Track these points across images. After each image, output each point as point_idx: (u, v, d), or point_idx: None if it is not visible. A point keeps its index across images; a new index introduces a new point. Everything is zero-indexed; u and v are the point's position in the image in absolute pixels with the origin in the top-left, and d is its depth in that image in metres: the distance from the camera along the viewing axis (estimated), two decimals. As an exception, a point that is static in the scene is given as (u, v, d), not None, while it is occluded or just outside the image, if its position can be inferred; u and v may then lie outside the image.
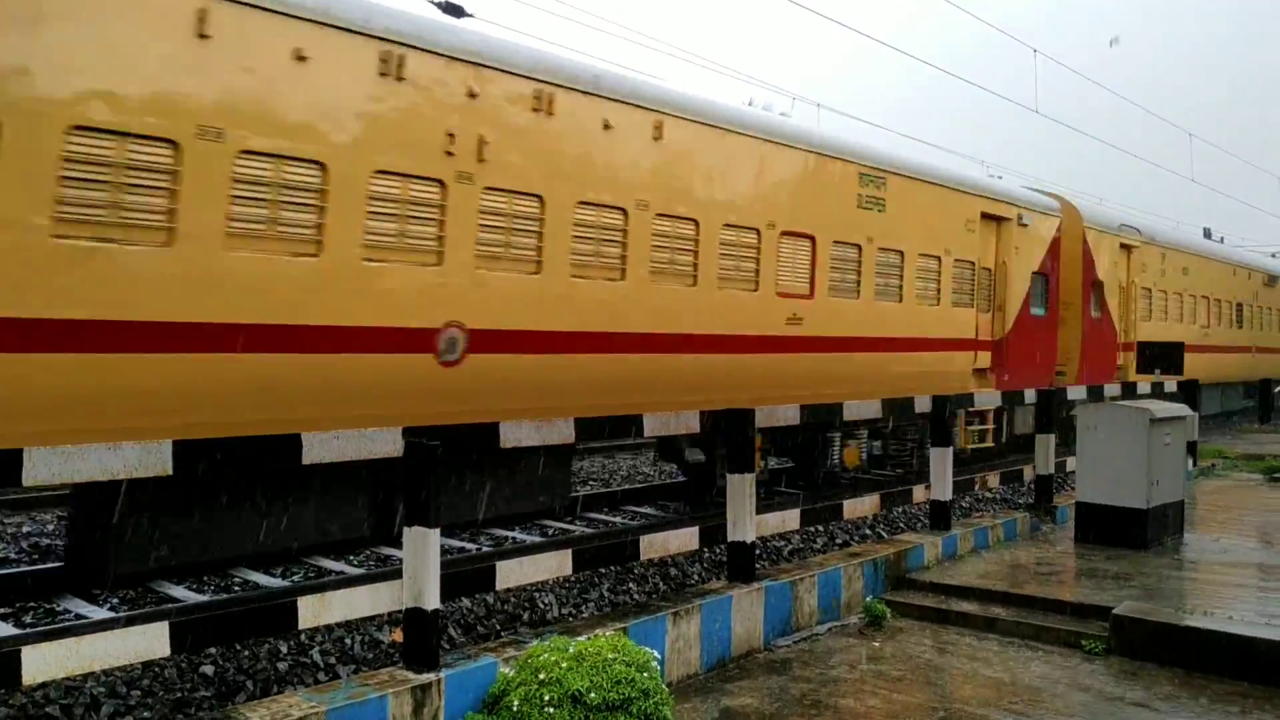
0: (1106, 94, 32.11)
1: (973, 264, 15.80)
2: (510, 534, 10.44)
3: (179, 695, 6.21)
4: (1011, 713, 6.09)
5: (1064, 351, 18.57)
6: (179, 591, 8.09)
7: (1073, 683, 6.66)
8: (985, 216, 16.16)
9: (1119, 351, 20.41)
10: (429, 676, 5.33)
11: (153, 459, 4.81)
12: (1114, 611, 7.45)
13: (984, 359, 16.16)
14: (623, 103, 10.19)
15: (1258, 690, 6.49)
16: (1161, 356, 19.06)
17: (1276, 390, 28.63)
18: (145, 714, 5.97)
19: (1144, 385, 15.40)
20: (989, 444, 16.27)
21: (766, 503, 10.87)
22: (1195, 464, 15.13)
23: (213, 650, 6.67)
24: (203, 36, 7.23)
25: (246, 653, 6.80)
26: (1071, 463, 11.56)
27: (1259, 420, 28.48)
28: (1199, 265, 24.69)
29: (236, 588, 8.36)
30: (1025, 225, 17.13)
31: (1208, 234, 33.18)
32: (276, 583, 8.41)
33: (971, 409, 15.18)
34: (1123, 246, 20.69)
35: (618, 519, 11.61)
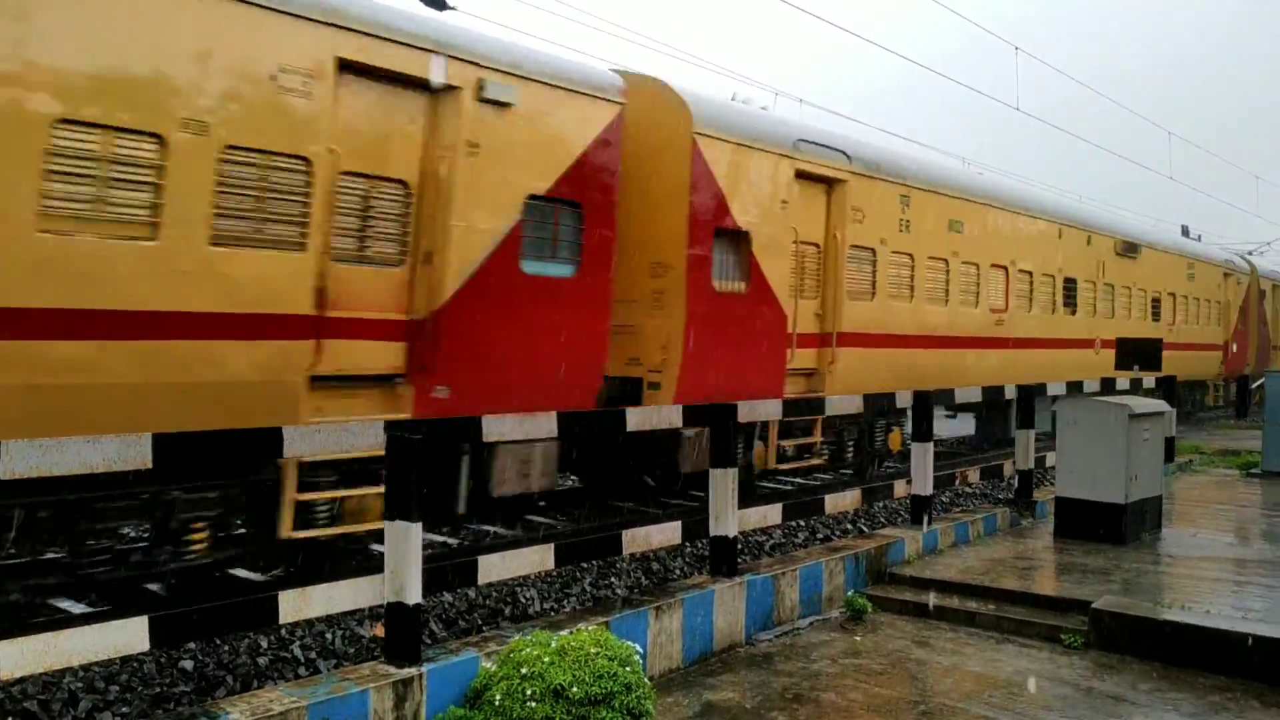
0: (1087, 92, 32.27)
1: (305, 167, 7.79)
2: (492, 528, 10.42)
3: (158, 690, 6.18)
4: (991, 706, 6.12)
5: (647, 344, 11.21)
6: (158, 586, 8.02)
7: (1052, 676, 6.70)
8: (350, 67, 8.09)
9: (792, 349, 12.42)
10: (411, 671, 5.31)
11: (132, 452, 4.77)
12: (1093, 605, 7.50)
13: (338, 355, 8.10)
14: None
15: (1235, 683, 6.55)
16: (1139, 353, 19.01)
17: (1254, 387, 28.80)
18: (124, 709, 5.93)
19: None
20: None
21: (749, 498, 10.89)
22: (1173, 459, 15.23)
23: (192, 645, 6.63)
24: None
25: (227, 648, 6.77)
26: (1052, 458, 11.62)
27: (1235, 416, 28.70)
28: (984, 218, 16.49)
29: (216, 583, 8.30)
30: (503, 105, 9.09)
31: (1185, 232, 33.33)
32: (256, 577, 8.37)
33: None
34: (806, 177, 12.65)
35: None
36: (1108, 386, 13.76)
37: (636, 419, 7.39)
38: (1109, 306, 21.58)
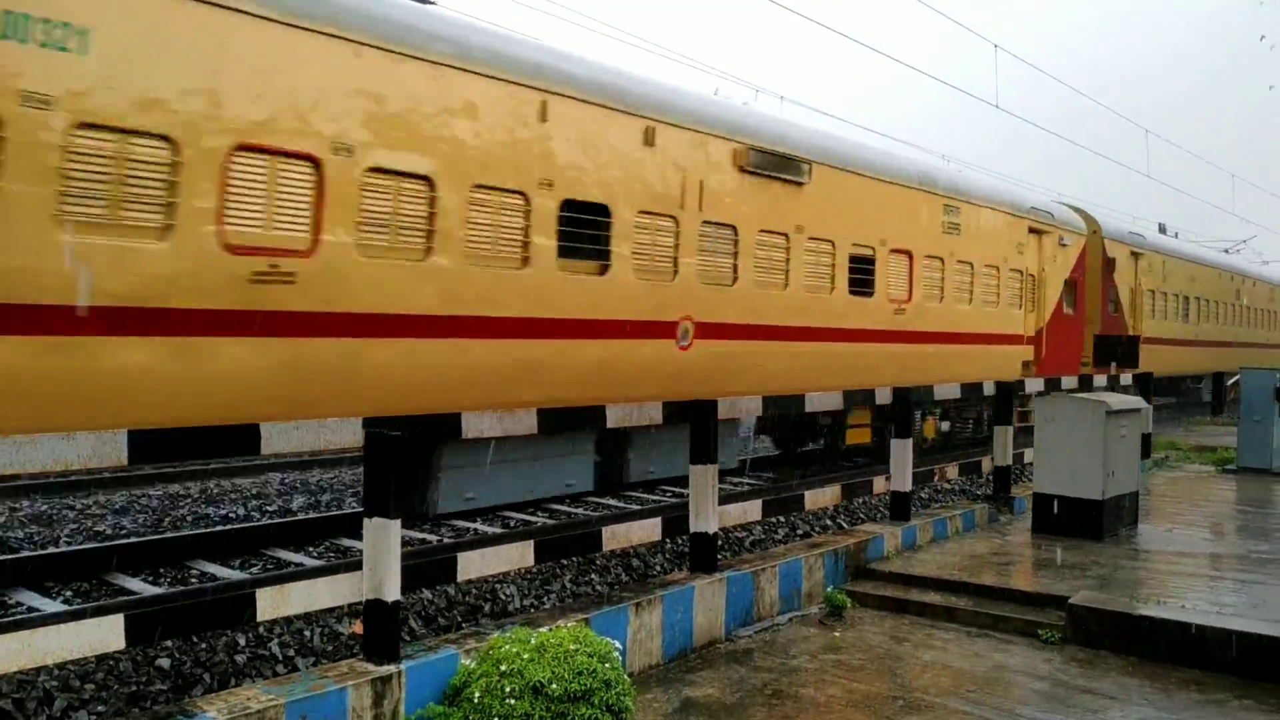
0: (1067, 90, 32.47)
1: None
2: (472, 525, 10.40)
3: (134, 689, 6.13)
4: (969, 701, 6.15)
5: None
6: (135, 584, 7.98)
7: (1030, 671, 6.75)
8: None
9: None
10: (389, 668, 5.29)
11: (108, 449, 4.74)
12: (1070, 601, 7.55)
13: None
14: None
15: (1209, 677, 6.61)
16: (1118, 350, 19.45)
17: (1229, 384, 29.04)
18: (100, 708, 5.88)
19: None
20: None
21: (728, 494, 10.91)
22: (1149, 456, 15.35)
23: (169, 643, 6.59)
24: None
25: (204, 645, 6.72)
26: (1029, 454, 11.69)
27: (1211, 413, 28.95)
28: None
29: (194, 579, 8.27)
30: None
31: (1163, 229, 33.57)
32: (235, 574, 8.33)
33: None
34: None
35: (579, 510, 11.59)
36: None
37: (616, 415, 7.40)
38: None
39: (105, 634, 4.85)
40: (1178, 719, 5.94)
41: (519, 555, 6.70)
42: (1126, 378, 16.29)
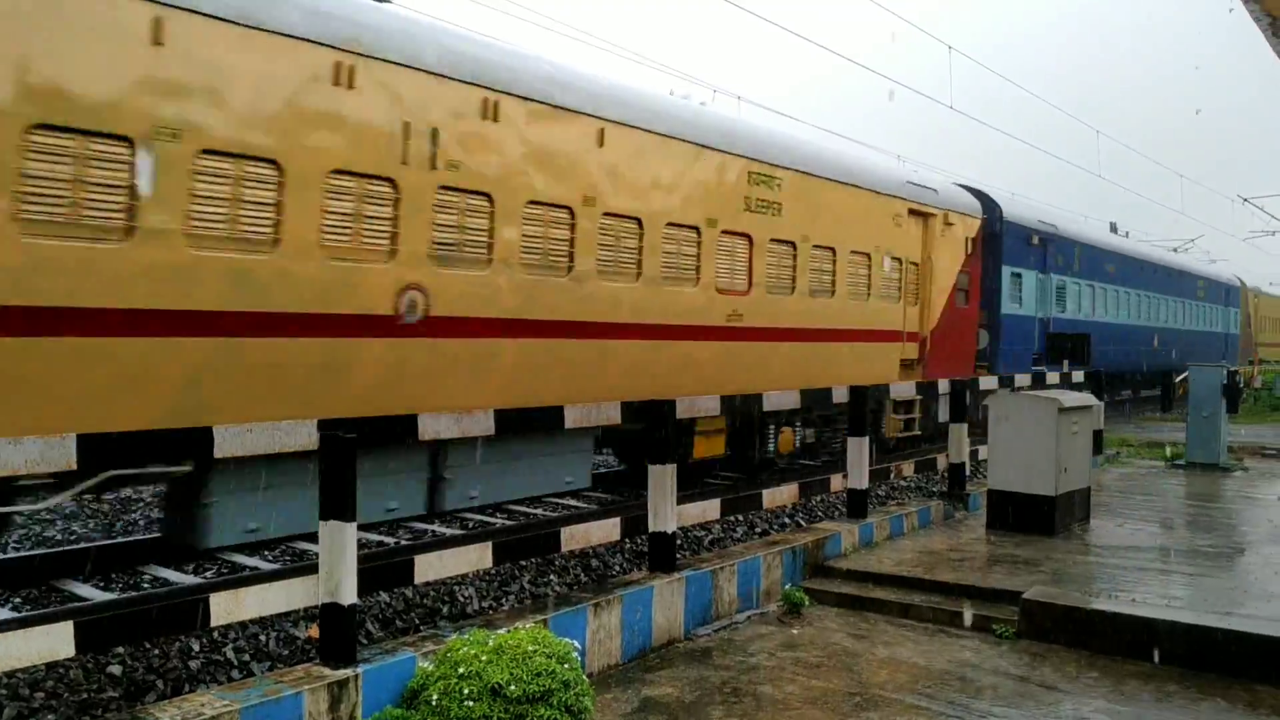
0: (1019, 90, 32.86)
1: None
2: (429, 527, 10.35)
3: (85, 696, 6.04)
4: (925, 696, 6.22)
5: None
6: (85, 589, 7.86)
7: (984, 666, 6.83)
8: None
9: None
10: (346, 672, 5.25)
11: (56, 453, 4.66)
12: (1023, 596, 7.65)
13: None
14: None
15: (1159, 670, 6.72)
16: (1069, 348, 19.69)
17: (1178, 380, 29.55)
18: (50, 716, 5.79)
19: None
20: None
21: (688, 494, 10.93)
22: (1101, 452, 15.59)
23: (120, 650, 6.49)
24: None
25: (156, 651, 6.64)
26: (984, 451, 11.83)
27: (1161, 409, 29.45)
28: None
29: (145, 585, 8.15)
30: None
31: (1114, 228, 34.12)
32: (188, 579, 8.22)
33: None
34: None
35: (539, 511, 11.57)
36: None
37: (573, 416, 7.40)
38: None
39: (55, 641, 4.76)
40: (1129, 711, 6.03)
41: (477, 557, 6.67)
42: (1077, 375, 16.56)
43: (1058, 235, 23.22)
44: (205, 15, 7.66)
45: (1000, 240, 20.40)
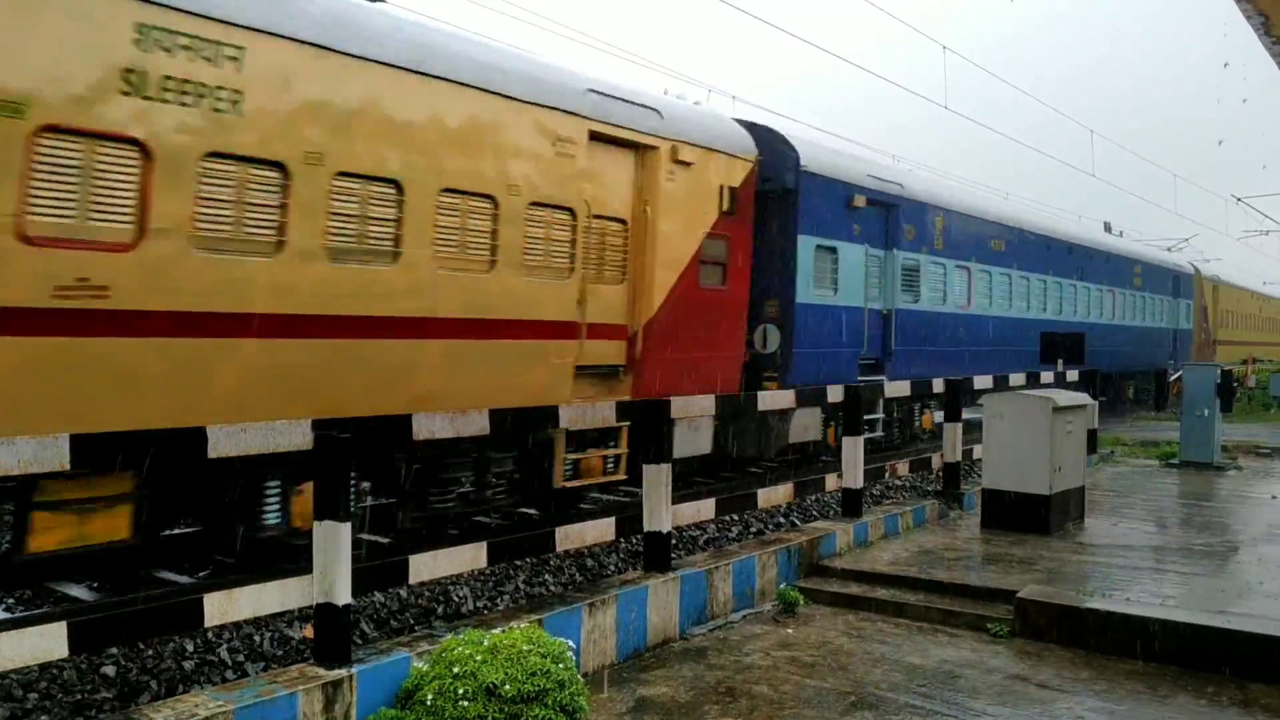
0: (1014, 91, 32.96)
1: None
2: (423, 527, 10.33)
3: (79, 697, 6.03)
4: (920, 695, 6.22)
5: None
6: (78, 590, 7.84)
7: (979, 665, 6.84)
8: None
9: None
10: (341, 672, 5.25)
11: (49, 454, 4.64)
12: (1018, 595, 7.66)
13: None
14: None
15: (1152, 668, 6.74)
16: (1064, 346, 19.12)
17: (1172, 379, 29.57)
18: (44, 717, 5.78)
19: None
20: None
21: (684, 493, 10.92)
22: (1095, 451, 15.61)
23: (114, 650, 6.48)
24: None
25: (150, 652, 6.63)
26: (978, 450, 11.84)
27: (1155, 408, 29.51)
28: None
29: (140, 585, 8.13)
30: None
31: (1108, 228, 34.18)
32: (182, 579, 8.21)
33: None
34: None
35: (533, 511, 11.56)
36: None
37: (568, 416, 7.40)
38: None
39: (48, 642, 4.75)
40: (1123, 709, 6.05)
41: (472, 557, 6.67)
42: (1071, 375, 16.53)
43: (906, 199, 17.25)
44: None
45: (796, 198, 14.45)
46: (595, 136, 11.04)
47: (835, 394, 10.37)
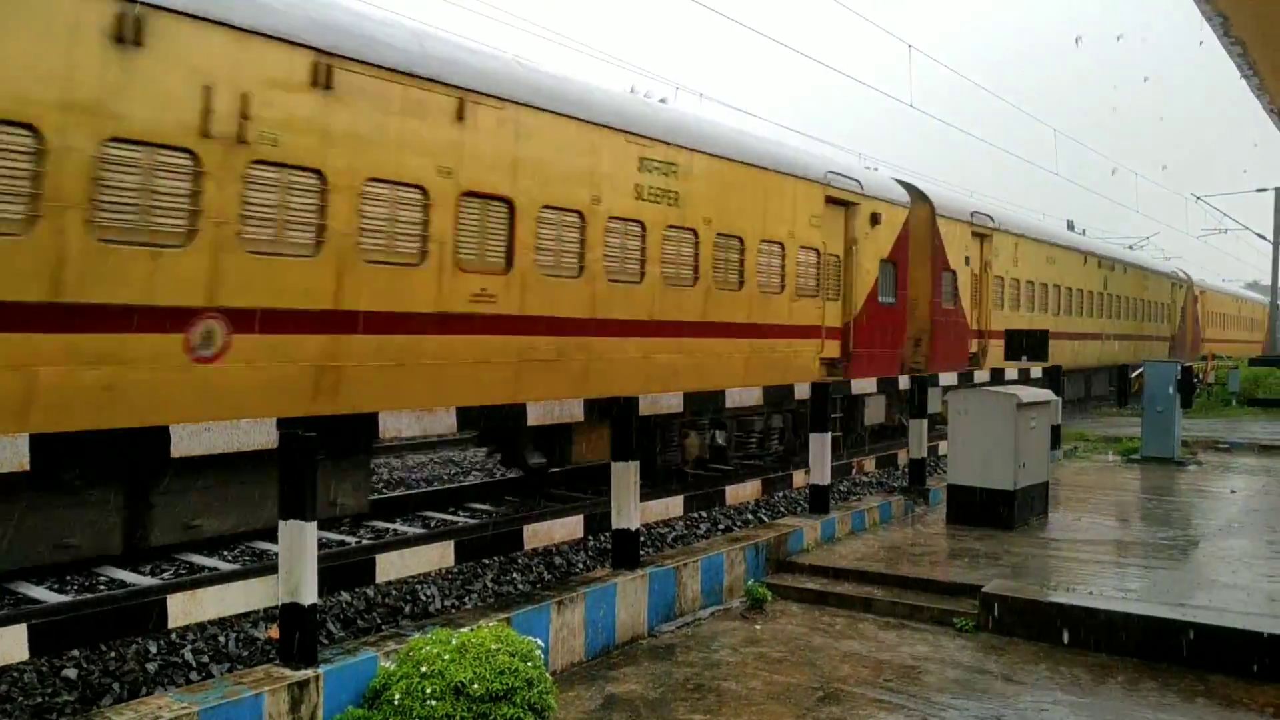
0: (978, 89, 33.18)
1: None
2: (390, 525, 10.28)
3: (39, 700, 5.94)
4: (888, 690, 6.26)
5: None
6: (39, 592, 7.72)
7: (945, 659, 6.89)
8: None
9: None
10: (307, 673, 5.20)
11: (7, 453, 4.58)
12: (983, 590, 7.72)
13: None
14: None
15: (1115, 661, 6.82)
16: (1029, 343, 19.51)
17: (1133, 375, 29.92)
18: (2, 721, 5.69)
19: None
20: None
21: (652, 491, 10.94)
22: (1058, 446, 15.78)
23: (76, 653, 6.39)
24: None
25: (113, 654, 6.54)
26: (944, 446, 11.93)
27: (1118, 404, 29.85)
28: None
29: (102, 587, 8.03)
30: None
31: (1071, 226, 34.55)
32: (145, 580, 8.11)
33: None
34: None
35: (501, 509, 11.53)
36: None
37: (536, 413, 7.38)
38: None
39: (7, 645, 4.69)
40: (1086, 701, 6.12)
41: (439, 556, 6.65)
42: (1036, 371, 16.73)
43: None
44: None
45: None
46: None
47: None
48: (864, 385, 12.91)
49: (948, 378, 13.88)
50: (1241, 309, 58.11)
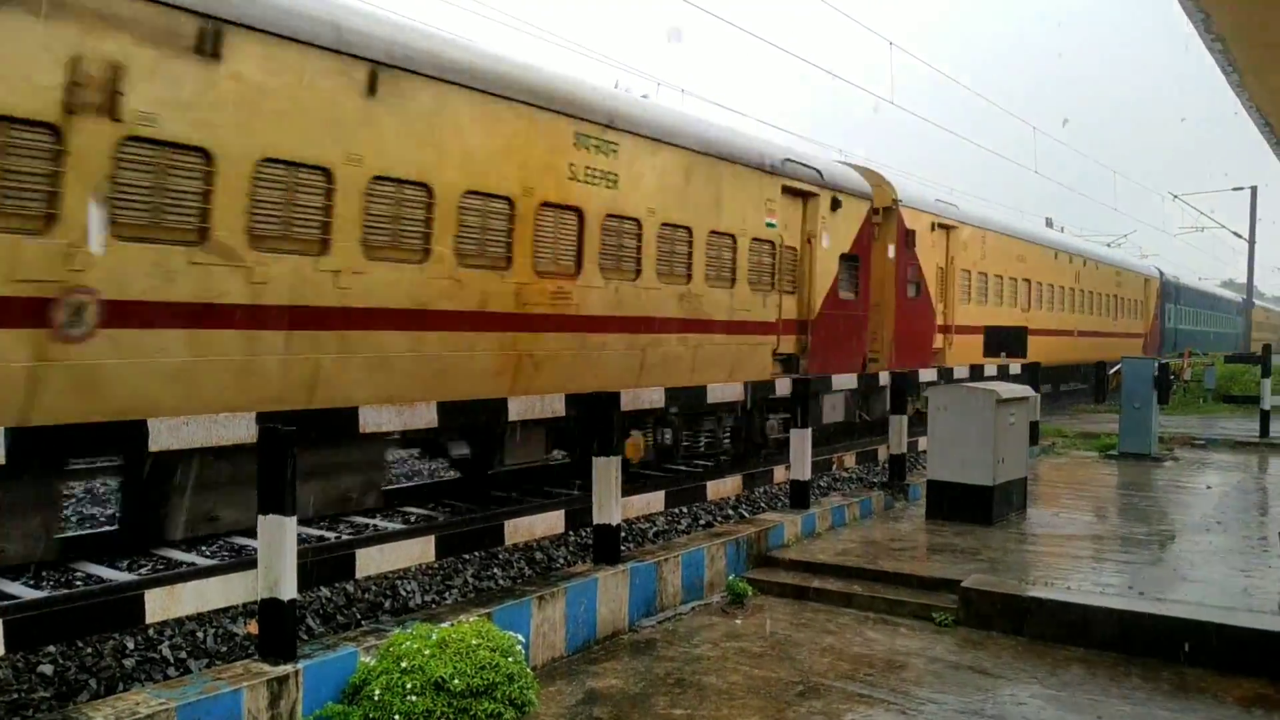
0: (957, 85, 33.32)
1: None
2: (371, 521, 10.24)
3: (15, 697, 5.89)
4: (867, 684, 6.29)
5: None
6: (15, 588, 7.66)
7: (924, 653, 6.92)
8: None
9: None
10: (286, 668, 5.18)
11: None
12: (962, 584, 7.76)
13: None
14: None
15: (1093, 654, 6.87)
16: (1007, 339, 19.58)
17: (1111, 372, 30.10)
18: (-23, 718, 5.64)
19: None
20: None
21: (633, 486, 10.94)
22: (1037, 442, 15.87)
23: (52, 649, 6.34)
24: None
25: (89, 650, 6.49)
26: (923, 442, 11.98)
27: (1095, 400, 30.05)
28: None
29: (79, 582, 7.97)
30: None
31: (1050, 223, 34.74)
32: (122, 576, 8.05)
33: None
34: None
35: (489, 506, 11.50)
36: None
37: (517, 408, 7.37)
38: None
39: (-18, 641, 4.65)
40: (1064, 695, 6.16)
41: (420, 551, 6.63)
42: (1015, 367, 16.81)
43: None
44: None
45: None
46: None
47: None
48: (844, 381, 12.94)
49: (927, 374, 13.94)
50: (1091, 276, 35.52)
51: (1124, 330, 35.12)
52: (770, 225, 14.57)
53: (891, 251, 18.75)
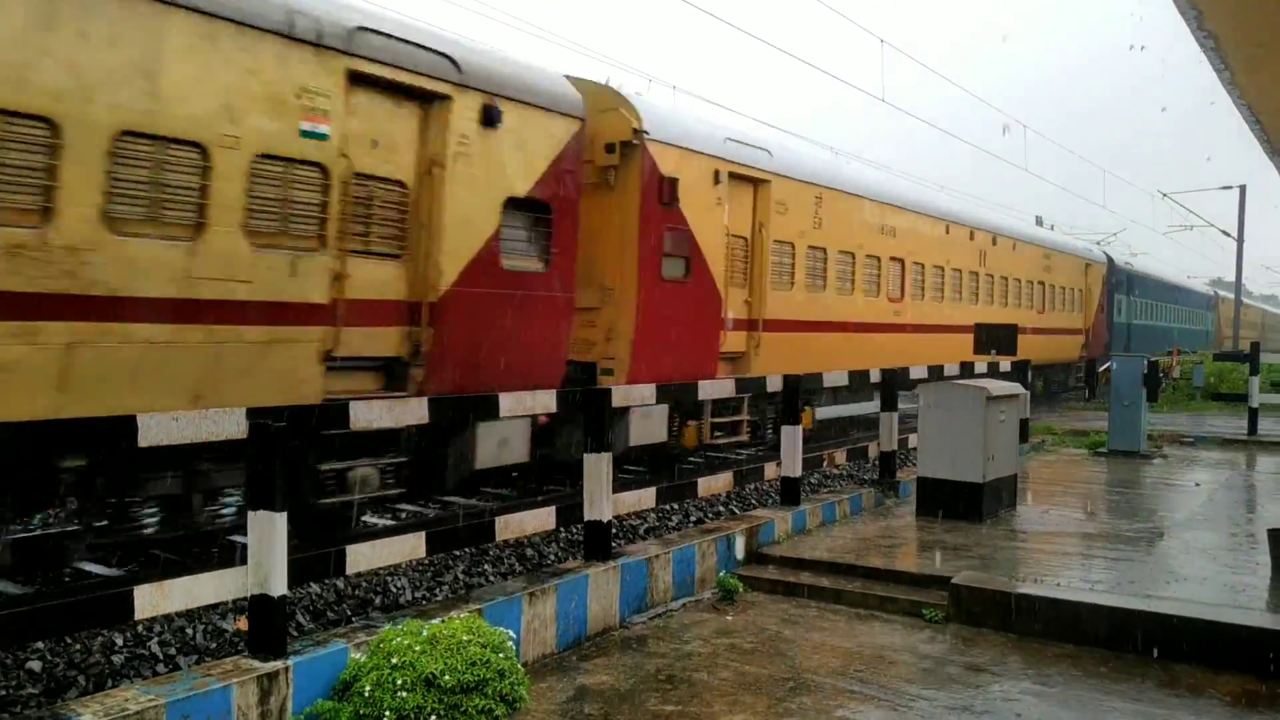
0: (948, 84, 33.38)
1: None
2: (361, 516, 10.20)
3: (3, 693, 5.87)
4: (857, 680, 6.30)
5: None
6: (2, 583, 7.62)
7: (914, 650, 6.94)
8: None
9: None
10: (276, 664, 5.17)
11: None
12: (952, 581, 7.78)
13: None
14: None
15: (1082, 651, 6.89)
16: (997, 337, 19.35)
17: (1101, 370, 30.16)
18: (-35, 714, 5.61)
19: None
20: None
21: (624, 482, 10.94)
22: (1027, 440, 15.91)
23: (40, 645, 6.32)
24: None
25: (78, 646, 6.47)
26: (914, 439, 12.00)
27: (1085, 397, 30.14)
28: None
29: (67, 578, 7.94)
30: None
31: (1040, 221, 34.80)
32: (111, 572, 8.02)
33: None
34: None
35: (473, 500, 11.49)
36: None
37: (508, 405, 7.35)
38: None
39: (-30, 637, 4.61)
40: (1054, 692, 6.17)
41: (410, 547, 6.61)
42: (1005, 365, 16.81)
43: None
44: None
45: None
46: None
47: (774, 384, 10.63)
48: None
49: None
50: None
51: (1054, 326, 28.64)
52: (311, 135, 8.43)
53: (635, 208, 12.41)
